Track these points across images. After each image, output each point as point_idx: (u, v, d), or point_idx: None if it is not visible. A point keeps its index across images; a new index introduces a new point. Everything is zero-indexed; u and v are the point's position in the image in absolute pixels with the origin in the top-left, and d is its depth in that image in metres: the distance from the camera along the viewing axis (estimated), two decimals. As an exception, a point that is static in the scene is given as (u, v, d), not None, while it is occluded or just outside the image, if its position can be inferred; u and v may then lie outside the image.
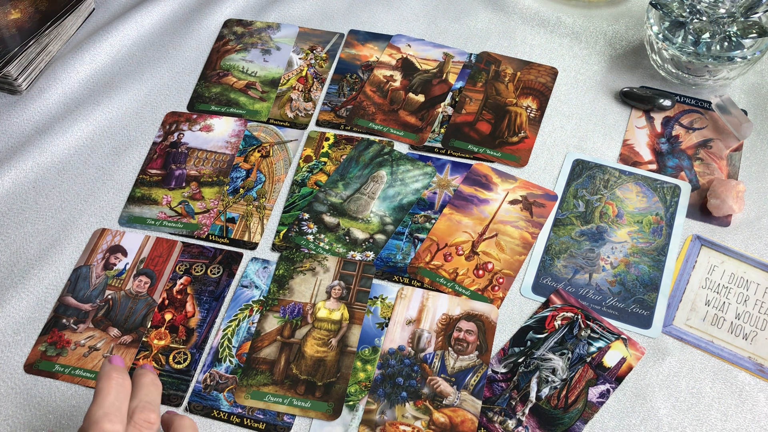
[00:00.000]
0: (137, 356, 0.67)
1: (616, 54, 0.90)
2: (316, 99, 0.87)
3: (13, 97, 0.87)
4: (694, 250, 0.72)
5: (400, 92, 0.87)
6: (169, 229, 0.76)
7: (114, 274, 0.72)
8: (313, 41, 0.93)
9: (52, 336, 0.68)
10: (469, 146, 0.81)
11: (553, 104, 0.85)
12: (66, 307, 0.70)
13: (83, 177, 0.81)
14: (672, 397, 0.64)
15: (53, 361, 0.67)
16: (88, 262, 0.73)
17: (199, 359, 0.68)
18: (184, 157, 0.82)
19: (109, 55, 0.92)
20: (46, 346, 0.67)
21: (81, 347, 0.67)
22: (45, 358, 0.67)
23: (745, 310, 0.68)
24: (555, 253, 0.73)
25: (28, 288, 0.72)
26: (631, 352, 0.66)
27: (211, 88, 0.89)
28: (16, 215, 0.78)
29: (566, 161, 0.80)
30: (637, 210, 0.76)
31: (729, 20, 0.78)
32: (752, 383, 0.65)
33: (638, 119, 0.83)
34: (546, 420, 0.63)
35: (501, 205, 0.77)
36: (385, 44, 0.92)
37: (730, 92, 0.85)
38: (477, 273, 0.72)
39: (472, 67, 0.89)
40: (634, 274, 0.71)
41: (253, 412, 0.64)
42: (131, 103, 0.87)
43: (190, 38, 0.94)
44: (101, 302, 0.70)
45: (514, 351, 0.67)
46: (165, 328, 0.69)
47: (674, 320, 0.68)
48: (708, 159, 0.79)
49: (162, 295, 0.71)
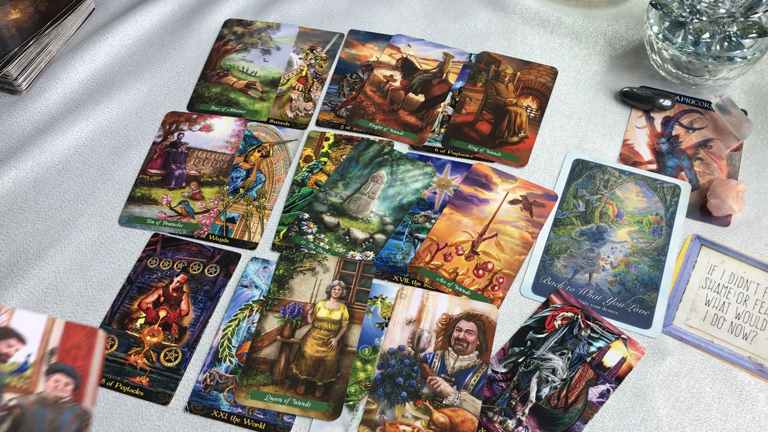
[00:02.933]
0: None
1: (616, 54, 0.90)
2: (316, 99, 0.87)
3: (13, 97, 0.87)
4: (694, 250, 0.72)
5: (400, 92, 0.87)
6: (169, 229, 0.76)
7: (11, 370, 0.49)
8: (313, 41, 0.93)
9: None
10: (469, 146, 0.81)
11: (553, 104, 0.85)
12: None
13: (83, 177, 0.81)
14: (672, 396, 0.64)
15: None
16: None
17: (190, 358, 0.68)
18: (184, 157, 0.82)
19: (109, 55, 0.92)
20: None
21: None
22: None
23: (745, 310, 0.68)
24: (555, 253, 0.73)
25: (28, 288, 0.72)
26: (631, 352, 0.66)
27: (211, 88, 0.89)
28: (16, 215, 0.78)
29: (566, 161, 0.80)
30: (637, 210, 0.75)
31: (729, 20, 0.78)
32: (752, 383, 0.65)
33: (638, 119, 0.83)
34: (546, 420, 0.63)
35: (501, 205, 0.76)
36: (385, 44, 0.92)
37: (730, 92, 0.85)
38: (477, 273, 0.72)
39: (472, 67, 0.89)
40: (634, 274, 0.71)
41: (253, 412, 0.64)
42: (131, 103, 0.87)
43: (190, 38, 0.94)
44: (1, 410, 0.47)
45: (514, 351, 0.67)
46: (158, 325, 0.69)
47: (674, 320, 0.68)
48: (708, 159, 0.79)
49: (158, 293, 0.71)
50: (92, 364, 0.51)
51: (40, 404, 0.48)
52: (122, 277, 0.73)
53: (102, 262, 0.74)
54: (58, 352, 0.51)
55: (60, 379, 0.50)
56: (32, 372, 0.49)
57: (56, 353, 0.51)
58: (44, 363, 0.49)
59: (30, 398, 0.48)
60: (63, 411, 0.49)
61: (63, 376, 0.50)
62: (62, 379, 0.50)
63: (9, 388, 0.47)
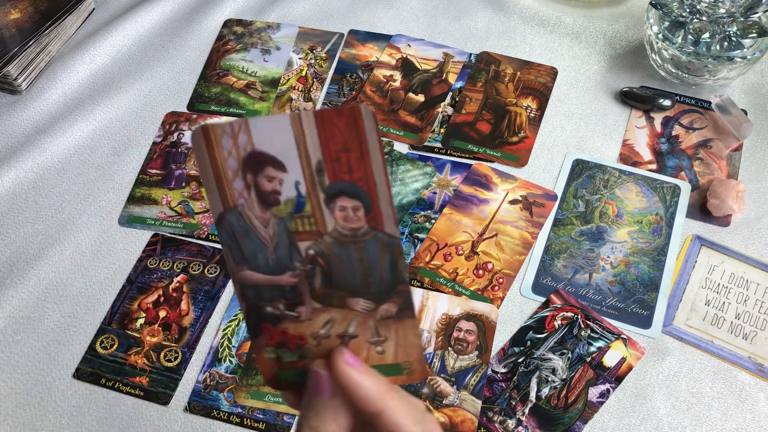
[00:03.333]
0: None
1: (616, 54, 0.90)
2: (316, 99, 0.87)
3: (12, 97, 0.87)
4: (693, 250, 0.72)
5: (400, 92, 0.87)
6: (169, 229, 0.76)
7: (290, 211, 0.38)
8: (312, 41, 0.93)
9: (271, 335, 0.40)
10: (469, 146, 0.81)
11: (553, 104, 0.85)
12: (256, 289, 0.39)
13: (83, 177, 0.81)
14: (672, 397, 0.64)
15: (301, 368, 0.40)
16: (228, 202, 0.37)
17: (190, 358, 0.68)
18: (184, 157, 0.82)
19: (108, 55, 0.92)
20: (274, 351, 0.40)
21: (327, 339, 0.40)
22: (288, 366, 0.40)
23: (745, 310, 0.68)
24: (555, 253, 0.73)
25: (28, 288, 0.72)
26: (630, 352, 0.66)
27: (211, 88, 0.89)
28: (16, 215, 0.78)
29: (566, 161, 0.80)
30: (637, 210, 0.75)
31: (729, 20, 0.78)
32: (752, 383, 0.65)
33: (638, 119, 0.83)
34: (546, 420, 0.63)
35: (501, 205, 0.76)
36: (385, 44, 0.92)
37: (729, 92, 0.85)
38: (477, 273, 0.72)
39: (471, 67, 0.89)
40: (634, 274, 0.71)
41: (253, 411, 0.64)
42: (131, 103, 0.87)
43: (190, 38, 0.94)
44: (303, 265, 0.39)
45: (514, 351, 0.67)
46: (158, 325, 0.69)
47: (674, 320, 0.68)
48: (708, 159, 0.79)
49: (165, 286, 0.71)
50: (374, 170, 0.37)
51: (338, 245, 0.38)
52: (122, 277, 0.73)
53: (102, 262, 0.74)
54: (326, 166, 0.37)
55: (345, 204, 0.38)
56: (310, 205, 0.37)
57: (324, 169, 0.37)
58: (318, 188, 0.37)
59: (326, 240, 0.38)
60: (366, 244, 0.38)
61: (346, 199, 0.37)
62: (347, 203, 0.38)
63: (299, 235, 0.38)
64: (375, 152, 0.36)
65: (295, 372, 0.40)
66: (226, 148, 0.36)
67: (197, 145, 0.36)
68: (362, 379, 0.36)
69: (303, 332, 0.39)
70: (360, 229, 0.38)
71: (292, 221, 0.37)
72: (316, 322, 0.39)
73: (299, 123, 0.35)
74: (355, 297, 0.39)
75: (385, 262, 0.38)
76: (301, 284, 0.38)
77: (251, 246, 0.38)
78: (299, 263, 0.38)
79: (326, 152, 0.36)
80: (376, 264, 0.38)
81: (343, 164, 0.36)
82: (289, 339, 0.39)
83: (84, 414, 0.65)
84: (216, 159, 0.36)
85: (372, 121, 0.35)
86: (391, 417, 0.36)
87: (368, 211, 0.37)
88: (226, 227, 0.37)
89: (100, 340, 0.69)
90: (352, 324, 0.39)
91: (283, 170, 0.36)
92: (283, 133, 0.36)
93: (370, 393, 0.36)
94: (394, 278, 0.38)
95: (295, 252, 0.38)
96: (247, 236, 0.37)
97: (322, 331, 0.39)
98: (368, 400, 0.36)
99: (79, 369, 0.67)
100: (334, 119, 0.35)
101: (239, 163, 0.36)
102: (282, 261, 0.38)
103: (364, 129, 0.36)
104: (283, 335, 0.39)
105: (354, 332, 0.39)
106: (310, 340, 0.39)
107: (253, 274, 0.38)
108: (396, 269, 0.38)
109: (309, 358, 0.39)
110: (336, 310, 0.39)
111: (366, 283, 0.39)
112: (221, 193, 0.37)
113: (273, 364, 0.40)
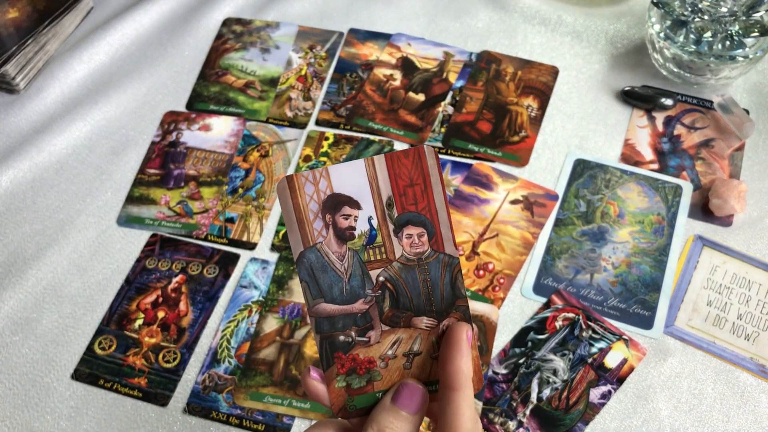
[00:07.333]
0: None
1: (618, 53, 0.89)
2: (316, 98, 0.87)
3: (10, 96, 0.87)
4: (695, 250, 0.72)
5: (400, 91, 0.86)
6: (168, 229, 0.76)
7: (363, 243, 0.43)
8: (312, 40, 0.93)
9: (342, 363, 0.44)
10: (469, 146, 0.81)
11: (554, 103, 0.85)
12: (330, 320, 0.44)
13: (81, 177, 0.80)
14: (674, 398, 0.64)
15: (370, 391, 0.43)
16: (308, 241, 0.43)
17: (188, 359, 0.67)
18: (182, 157, 0.82)
19: (107, 54, 0.91)
20: (344, 379, 0.44)
21: (393, 360, 0.44)
22: (356, 392, 0.44)
23: (747, 311, 0.68)
24: (556, 253, 0.73)
25: (26, 289, 0.71)
26: (632, 353, 0.66)
27: (210, 87, 0.88)
28: (14, 215, 0.77)
29: (567, 161, 0.79)
30: (638, 210, 0.75)
31: (731, 19, 0.78)
32: (754, 384, 0.64)
33: (640, 118, 0.83)
34: (547, 421, 0.63)
35: (502, 205, 0.76)
36: (385, 43, 0.91)
37: (731, 91, 0.84)
38: (477, 273, 0.72)
39: (472, 66, 0.88)
40: (635, 275, 0.71)
41: (252, 413, 0.64)
42: (130, 103, 0.87)
43: (188, 37, 0.93)
44: (374, 291, 0.44)
45: (514, 352, 0.67)
46: (157, 326, 0.69)
47: (676, 321, 0.68)
48: (710, 159, 0.79)
49: (161, 291, 0.70)
50: (435, 200, 0.43)
51: (405, 269, 0.43)
52: (120, 277, 0.73)
53: (100, 263, 0.74)
54: (395, 200, 0.43)
55: (411, 232, 0.44)
56: (381, 236, 0.43)
57: (394, 204, 0.43)
58: (388, 220, 0.43)
59: (394, 266, 0.43)
60: (429, 266, 0.44)
61: (412, 228, 0.44)
62: (413, 231, 0.44)
63: (371, 264, 0.43)
64: (437, 185, 0.41)
65: (364, 397, 0.42)
66: (308, 194, 0.41)
67: (282, 193, 0.40)
68: (463, 357, 0.40)
69: (372, 355, 0.42)
70: (424, 252, 0.42)
71: (365, 252, 0.42)
72: (384, 344, 0.42)
73: (372, 166, 0.41)
74: (419, 316, 0.42)
75: (445, 280, 0.43)
76: (372, 310, 0.43)
77: (328, 280, 0.42)
78: (370, 290, 0.43)
79: (395, 188, 0.42)
80: (437, 283, 0.43)
81: (409, 197, 0.42)
82: (359, 364, 0.42)
83: (82, 415, 0.64)
84: (299, 205, 0.41)
85: (434, 158, 0.41)
86: (463, 401, 0.39)
87: (431, 237, 0.42)
88: (305, 264, 0.42)
89: (98, 341, 0.68)
90: (416, 342, 0.42)
91: (358, 208, 0.42)
92: (359, 176, 0.41)
93: (465, 370, 0.39)
94: (453, 294, 0.42)
95: (368, 280, 0.42)
96: (324, 271, 0.42)
97: (389, 352, 0.42)
98: (460, 374, 0.39)
99: (78, 370, 0.67)
100: (402, 159, 0.41)
101: (320, 206, 0.41)
102: (355, 290, 0.42)
103: (427, 165, 0.41)
104: (353, 362, 0.42)
105: (418, 350, 0.42)
106: (378, 363, 0.42)
107: (327, 306, 0.42)
108: (455, 286, 0.42)
109: (378, 381, 0.42)
110: (402, 330, 0.42)
111: (429, 302, 0.42)
112: (302, 234, 0.41)
113: (343, 392, 0.42)
